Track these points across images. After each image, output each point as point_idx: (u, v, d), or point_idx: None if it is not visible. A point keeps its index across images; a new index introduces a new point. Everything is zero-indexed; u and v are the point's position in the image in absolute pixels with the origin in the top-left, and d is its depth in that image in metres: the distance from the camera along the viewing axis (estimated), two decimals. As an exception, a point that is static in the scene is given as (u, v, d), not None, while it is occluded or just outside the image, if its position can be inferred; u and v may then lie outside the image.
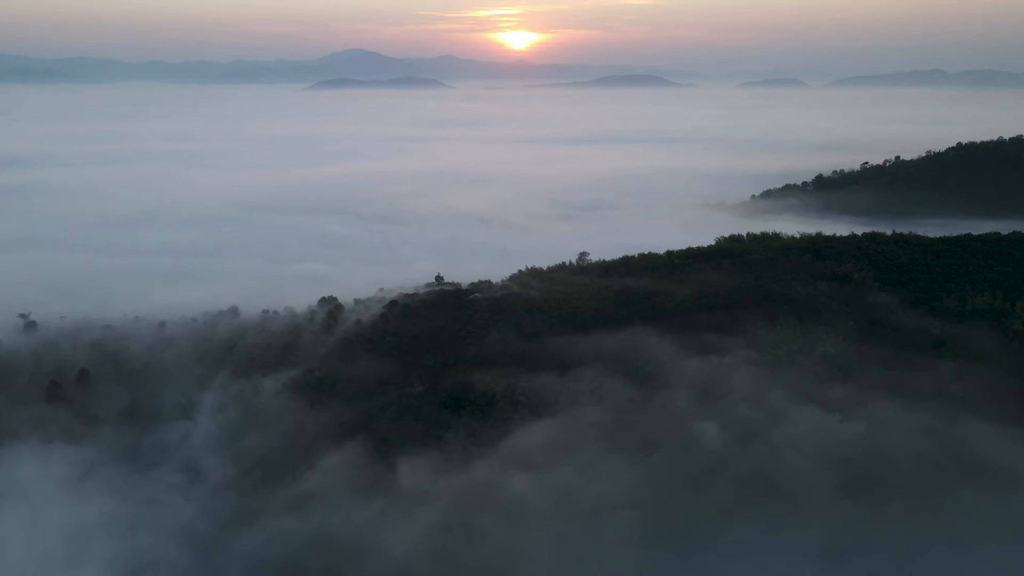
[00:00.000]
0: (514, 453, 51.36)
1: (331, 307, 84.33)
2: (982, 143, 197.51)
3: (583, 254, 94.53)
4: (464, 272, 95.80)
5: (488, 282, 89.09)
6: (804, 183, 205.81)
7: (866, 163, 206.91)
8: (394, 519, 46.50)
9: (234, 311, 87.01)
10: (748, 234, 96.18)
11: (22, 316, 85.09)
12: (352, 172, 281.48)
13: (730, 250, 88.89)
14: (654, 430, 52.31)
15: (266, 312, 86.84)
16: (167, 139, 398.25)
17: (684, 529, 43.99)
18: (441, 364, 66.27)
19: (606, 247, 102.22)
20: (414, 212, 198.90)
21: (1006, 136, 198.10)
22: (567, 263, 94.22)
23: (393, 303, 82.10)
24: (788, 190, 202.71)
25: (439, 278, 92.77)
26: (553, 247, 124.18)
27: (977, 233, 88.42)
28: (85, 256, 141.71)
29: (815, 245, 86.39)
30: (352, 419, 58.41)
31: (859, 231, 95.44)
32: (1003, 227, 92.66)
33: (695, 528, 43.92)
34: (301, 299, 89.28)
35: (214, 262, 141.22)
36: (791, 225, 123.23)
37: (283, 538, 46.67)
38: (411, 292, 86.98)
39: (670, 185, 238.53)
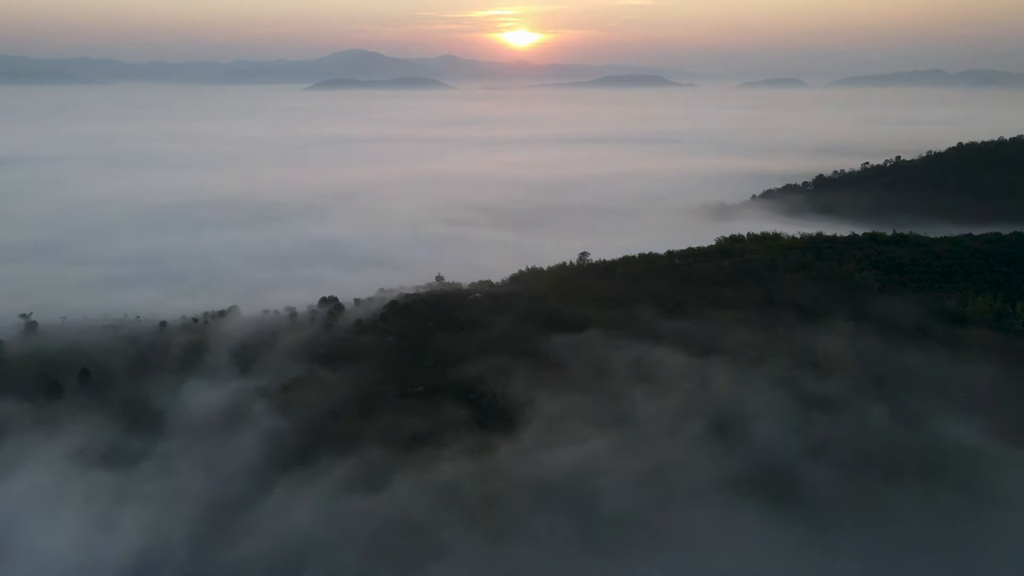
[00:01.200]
0: (516, 450, 51.46)
1: (331, 307, 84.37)
2: (983, 143, 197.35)
3: (583, 254, 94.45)
4: (464, 272, 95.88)
5: (488, 282, 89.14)
6: (804, 183, 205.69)
7: (866, 163, 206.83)
8: (392, 512, 46.64)
9: (235, 311, 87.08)
10: (748, 234, 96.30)
11: (23, 316, 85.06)
12: (354, 174, 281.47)
13: (730, 250, 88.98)
14: (655, 427, 52.39)
15: (266, 312, 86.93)
16: (165, 141, 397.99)
17: (684, 515, 44.35)
18: (442, 363, 66.28)
19: (606, 247, 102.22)
20: (415, 214, 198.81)
21: (1007, 136, 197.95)
22: (567, 263, 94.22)
23: (393, 303, 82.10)
24: (788, 190, 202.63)
25: (439, 278, 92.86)
26: (553, 247, 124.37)
27: (978, 233, 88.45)
28: (80, 266, 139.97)
29: (816, 245, 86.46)
30: (353, 418, 58.44)
31: (860, 231, 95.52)
32: (1004, 227, 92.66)
33: (695, 515, 44.31)
34: (302, 299, 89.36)
35: (214, 263, 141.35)
36: (791, 225, 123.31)
37: (282, 536, 46.72)
38: (411, 292, 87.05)
39: (670, 186, 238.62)
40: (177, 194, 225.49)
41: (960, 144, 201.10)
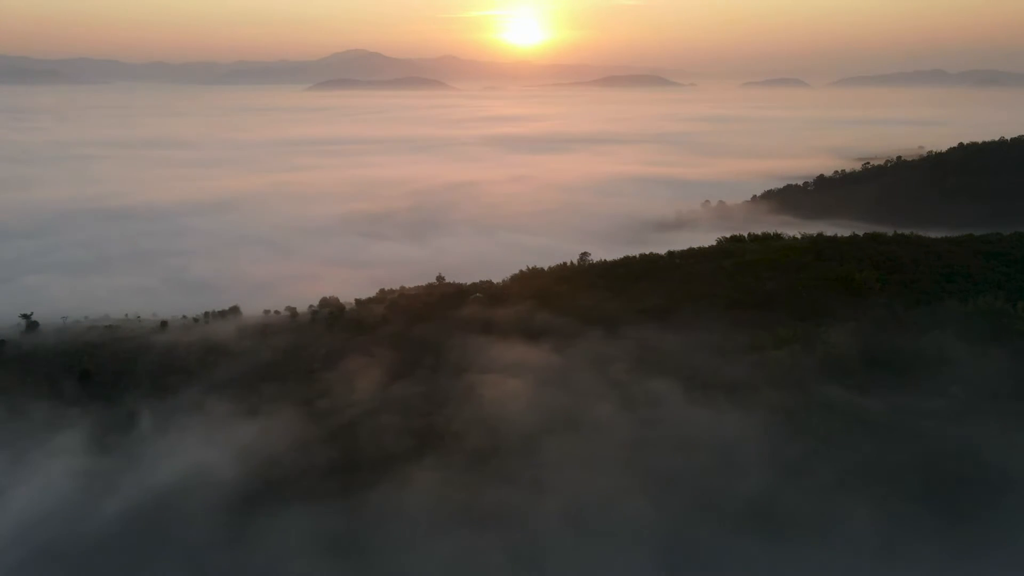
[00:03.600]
0: (518, 448, 51.44)
1: (332, 307, 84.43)
2: (984, 143, 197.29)
3: (584, 254, 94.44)
4: (465, 272, 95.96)
5: (489, 282, 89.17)
6: (805, 183, 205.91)
7: (867, 163, 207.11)
8: (395, 506, 46.78)
9: (235, 311, 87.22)
10: (749, 234, 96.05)
11: (23, 316, 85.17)
12: (356, 175, 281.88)
13: (731, 250, 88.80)
14: (656, 427, 52.37)
15: (267, 312, 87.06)
16: (164, 145, 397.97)
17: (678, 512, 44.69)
18: (443, 364, 66.30)
19: (606, 247, 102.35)
20: (418, 215, 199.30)
21: (1008, 136, 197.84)
22: (568, 263, 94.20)
23: (394, 303, 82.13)
24: (789, 190, 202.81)
25: (440, 278, 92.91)
26: (554, 247, 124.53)
27: (978, 233, 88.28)
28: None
29: (816, 246, 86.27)
30: (354, 418, 58.49)
31: (860, 231, 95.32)
32: (1005, 227, 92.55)
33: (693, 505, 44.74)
34: (302, 299, 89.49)
35: (215, 262, 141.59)
36: (791, 225, 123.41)
37: (282, 534, 46.74)
38: (412, 292, 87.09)
39: (670, 186, 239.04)
40: (180, 196, 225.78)
41: (960, 144, 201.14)
